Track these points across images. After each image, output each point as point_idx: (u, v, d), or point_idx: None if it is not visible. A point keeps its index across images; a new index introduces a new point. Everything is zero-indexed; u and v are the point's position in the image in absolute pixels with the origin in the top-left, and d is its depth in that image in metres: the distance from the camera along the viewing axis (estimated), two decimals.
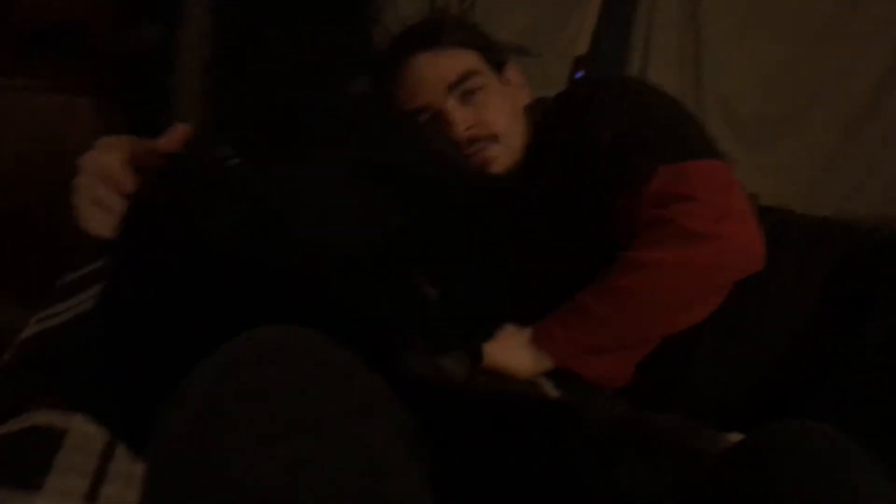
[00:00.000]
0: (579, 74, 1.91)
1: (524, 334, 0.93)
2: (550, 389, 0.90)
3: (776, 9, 1.87)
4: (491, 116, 1.12)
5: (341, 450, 0.47)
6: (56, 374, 0.84)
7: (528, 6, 1.80)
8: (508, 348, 0.91)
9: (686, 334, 0.95)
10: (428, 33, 1.17)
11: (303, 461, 0.45)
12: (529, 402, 0.82)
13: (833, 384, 0.95)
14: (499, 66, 1.19)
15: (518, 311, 0.94)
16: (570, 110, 1.13)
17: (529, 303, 0.95)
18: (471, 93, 1.12)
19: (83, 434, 0.77)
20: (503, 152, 1.11)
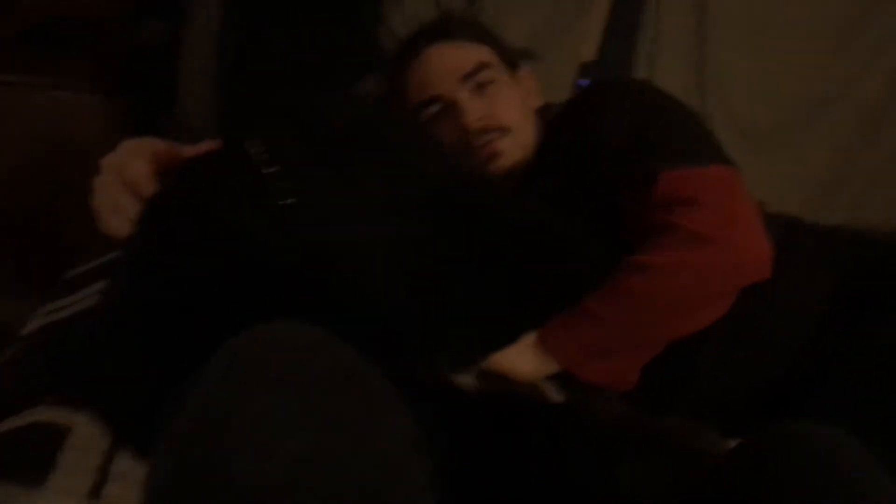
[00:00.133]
0: (585, 82, 1.91)
1: (528, 337, 0.92)
2: (554, 393, 0.89)
3: (784, 16, 1.86)
4: (502, 109, 1.12)
5: (345, 447, 0.46)
6: (61, 371, 0.84)
7: (533, 10, 1.79)
8: (512, 351, 0.91)
9: (691, 339, 0.94)
10: (442, 27, 1.17)
11: (306, 458, 0.44)
12: (530, 404, 0.82)
13: (840, 391, 0.94)
14: (511, 66, 1.19)
15: (528, 317, 0.94)
16: (578, 113, 1.13)
17: (536, 307, 0.95)
18: (483, 85, 1.12)
19: (87, 432, 0.77)
20: (513, 146, 1.11)
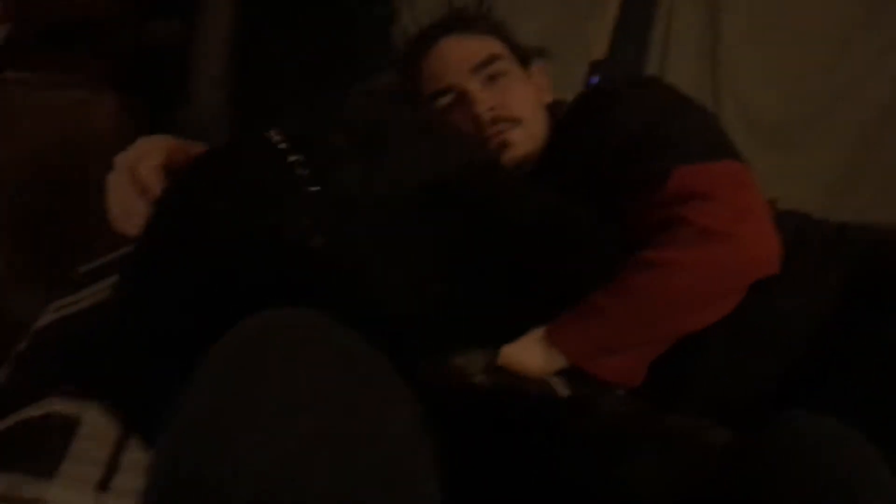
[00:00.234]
0: (595, 79, 1.90)
1: (537, 332, 0.92)
2: (562, 388, 0.89)
3: (796, 13, 1.86)
4: (514, 101, 1.12)
5: (353, 429, 0.47)
6: (72, 364, 0.84)
7: (545, 9, 1.80)
8: (521, 346, 0.91)
9: (698, 336, 0.94)
10: (455, 20, 1.18)
11: (314, 439, 0.44)
12: (536, 399, 0.82)
13: (845, 389, 0.93)
14: (523, 61, 1.19)
15: (536, 311, 0.93)
16: (589, 110, 1.13)
17: (545, 302, 0.95)
18: (495, 76, 1.13)
19: (97, 423, 0.77)
20: (524, 137, 1.11)
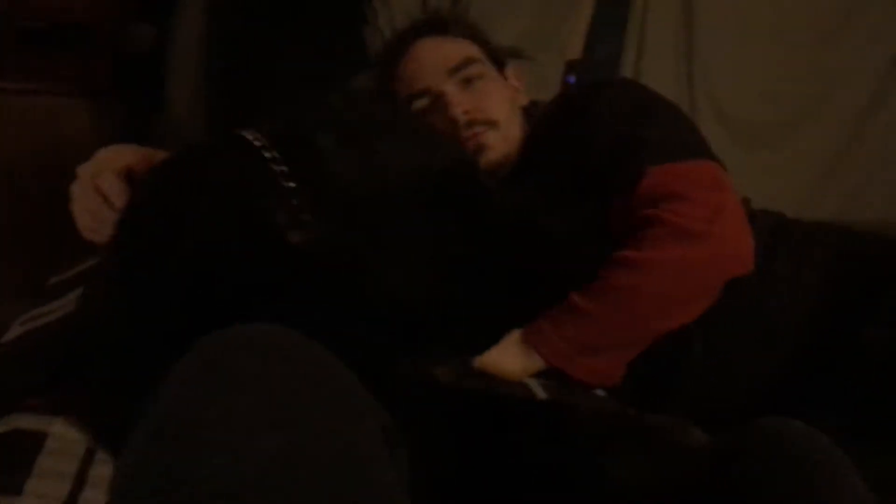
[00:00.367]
0: (571, 79, 1.91)
1: (514, 334, 0.92)
2: (540, 391, 0.88)
3: (773, 12, 1.86)
4: (490, 103, 1.12)
5: (317, 446, 0.46)
6: (38, 377, 0.83)
7: (521, 9, 1.79)
8: (498, 349, 0.90)
9: (678, 336, 0.94)
10: (431, 23, 1.20)
11: (277, 459, 0.43)
12: (513, 401, 0.82)
13: (829, 387, 0.94)
14: (498, 63, 1.19)
15: (516, 314, 0.93)
16: (566, 111, 1.13)
17: (526, 303, 0.94)
18: (471, 79, 1.13)
19: (64, 438, 0.76)
20: (500, 140, 1.12)
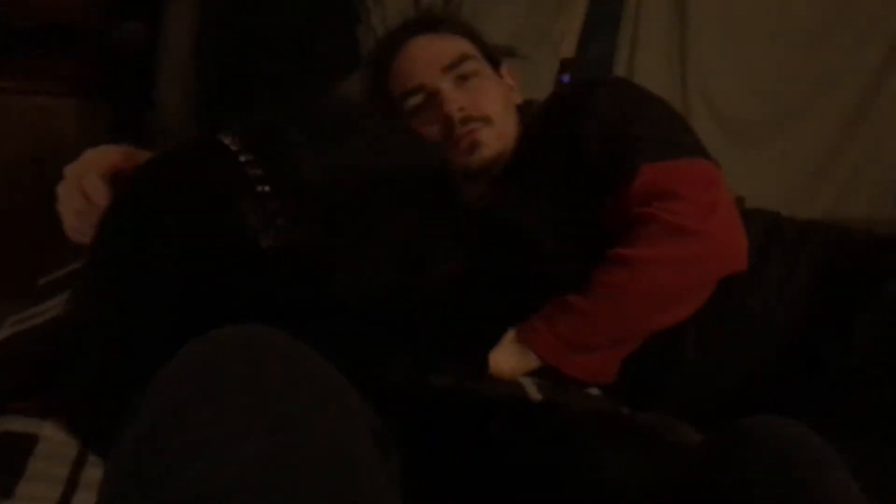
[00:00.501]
0: (565, 78, 1.90)
1: (509, 333, 0.92)
2: (534, 390, 0.88)
3: (765, 12, 1.87)
4: (485, 100, 1.12)
5: (303, 448, 0.45)
6: (27, 380, 0.82)
7: (514, 8, 1.79)
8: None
9: (672, 334, 0.94)
10: (425, 21, 1.19)
11: (261, 461, 0.43)
12: (509, 400, 0.82)
13: (820, 385, 0.94)
14: (493, 62, 1.19)
15: (513, 314, 0.93)
16: (559, 110, 1.13)
17: (524, 301, 0.94)
18: (465, 76, 1.13)
19: (55, 441, 0.75)
20: (494, 137, 1.11)
